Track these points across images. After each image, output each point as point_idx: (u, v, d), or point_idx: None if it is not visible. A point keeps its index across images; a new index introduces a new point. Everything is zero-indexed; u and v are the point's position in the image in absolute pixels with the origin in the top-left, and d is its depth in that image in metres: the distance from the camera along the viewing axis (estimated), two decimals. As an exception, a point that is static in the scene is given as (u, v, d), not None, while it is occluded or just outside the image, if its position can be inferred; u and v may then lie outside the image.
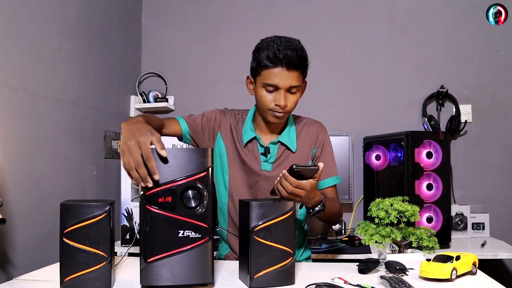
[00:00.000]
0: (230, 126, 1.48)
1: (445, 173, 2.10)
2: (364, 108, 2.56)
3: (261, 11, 2.65)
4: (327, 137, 1.51)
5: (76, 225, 0.98)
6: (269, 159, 1.44)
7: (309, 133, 1.48)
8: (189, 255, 1.00)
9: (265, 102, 1.34)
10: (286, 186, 1.15)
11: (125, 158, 0.99)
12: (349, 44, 2.59)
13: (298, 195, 1.16)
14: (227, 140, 1.46)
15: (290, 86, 1.32)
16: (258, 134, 1.45)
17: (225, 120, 1.48)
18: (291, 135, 1.45)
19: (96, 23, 2.18)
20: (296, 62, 1.30)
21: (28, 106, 1.65)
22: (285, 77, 1.30)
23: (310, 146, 1.47)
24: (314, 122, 1.53)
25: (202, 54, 2.68)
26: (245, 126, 1.47)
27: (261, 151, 1.44)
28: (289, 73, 1.30)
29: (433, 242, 1.22)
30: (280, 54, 1.28)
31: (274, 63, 1.30)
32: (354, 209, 2.52)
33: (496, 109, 2.47)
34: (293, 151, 1.44)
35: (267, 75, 1.32)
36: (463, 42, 2.50)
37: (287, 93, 1.33)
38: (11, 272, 1.51)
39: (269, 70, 1.31)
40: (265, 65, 1.31)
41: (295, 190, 1.15)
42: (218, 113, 1.49)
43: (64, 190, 1.87)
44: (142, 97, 2.60)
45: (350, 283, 1.05)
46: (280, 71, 1.30)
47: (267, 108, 1.35)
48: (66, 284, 0.98)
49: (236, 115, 1.51)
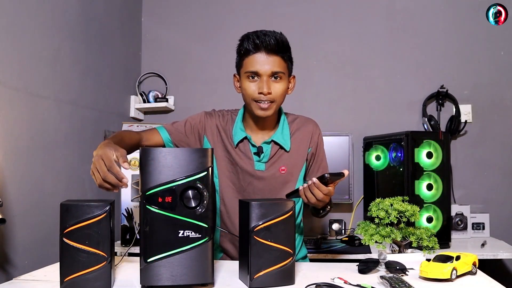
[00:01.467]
0: (217, 128, 1.46)
1: (445, 173, 2.10)
2: (364, 108, 2.56)
3: (261, 11, 2.65)
4: (321, 136, 1.52)
5: (76, 225, 0.98)
6: (262, 158, 1.42)
7: (303, 132, 1.47)
8: (189, 255, 1.00)
9: (248, 92, 1.35)
10: (317, 194, 1.22)
11: (95, 175, 1.08)
12: (349, 44, 2.59)
13: (324, 201, 1.25)
14: (215, 142, 1.45)
15: (272, 72, 1.33)
16: (249, 134, 1.43)
17: (210, 122, 1.46)
18: (285, 134, 1.44)
19: (96, 23, 2.18)
20: (275, 46, 1.32)
21: (28, 106, 1.65)
22: (265, 62, 1.32)
23: (305, 146, 1.47)
24: (308, 120, 1.52)
25: (202, 54, 2.68)
26: (235, 126, 1.45)
27: (253, 150, 1.43)
28: (269, 57, 1.32)
29: (433, 242, 1.22)
30: (257, 40, 1.32)
31: (253, 49, 1.33)
32: (354, 209, 2.52)
33: (496, 109, 2.47)
34: (287, 150, 1.43)
35: (248, 63, 1.35)
36: (463, 42, 2.50)
37: (270, 79, 1.34)
38: (11, 272, 1.51)
39: (249, 57, 1.34)
40: (245, 53, 1.35)
41: (324, 197, 1.22)
42: (203, 116, 1.48)
43: (64, 190, 1.87)
44: (142, 97, 2.60)
45: (350, 283, 1.06)
46: (260, 56, 1.33)
47: (251, 99, 1.35)
48: (66, 284, 0.98)
49: (224, 115, 1.49)
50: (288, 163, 1.44)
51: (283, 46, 1.34)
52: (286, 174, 1.44)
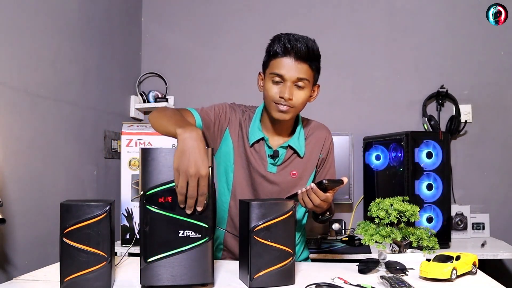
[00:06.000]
0: (239, 123, 1.43)
1: (445, 173, 2.10)
2: (364, 108, 2.56)
3: (261, 11, 2.65)
4: (333, 144, 1.52)
5: (76, 225, 0.98)
6: (277, 162, 1.42)
7: (317, 138, 1.47)
8: (189, 255, 1.00)
9: (270, 93, 1.32)
10: (314, 199, 1.22)
11: (180, 182, 0.97)
12: (349, 44, 2.59)
13: (321, 207, 1.24)
14: (235, 137, 1.42)
15: (297, 78, 1.30)
16: (266, 135, 1.41)
17: (234, 116, 1.43)
18: (301, 140, 1.43)
19: (96, 23, 2.18)
20: (305, 53, 1.29)
21: (28, 106, 1.65)
22: (292, 68, 1.29)
23: (317, 151, 1.46)
24: (322, 126, 1.51)
25: (202, 54, 2.68)
26: (252, 125, 1.42)
27: (268, 152, 1.41)
28: (297, 64, 1.29)
29: (433, 242, 1.22)
30: (289, 44, 1.28)
31: (282, 53, 1.29)
32: (354, 209, 2.52)
33: (496, 109, 2.47)
34: (301, 156, 1.43)
35: (275, 65, 1.31)
36: (463, 42, 2.50)
37: (293, 86, 1.31)
38: (11, 272, 1.51)
39: (277, 59, 1.31)
40: (273, 55, 1.31)
41: (322, 203, 1.22)
42: (228, 108, 1.44)
43: (64, 190, 1.87)
44: (142, 97, 2.60)
45: (350, 283, 1.05)
46: (287, 61, 1.29)
47: (271, 100, 1.33)
48: (66, 284, 0.98)
49: (244, 111, 1.46)
50: (299, 167, 1.43)
51: (313, 55, 1.32)
52: (296, 179, 1.43)
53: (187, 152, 0.98)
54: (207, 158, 0.99)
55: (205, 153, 0.99)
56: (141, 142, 2.14)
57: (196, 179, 0.96)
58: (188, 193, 0.97)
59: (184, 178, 0.96)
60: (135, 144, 2.16)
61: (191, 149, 0.98)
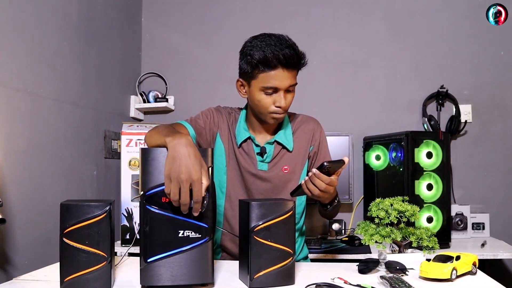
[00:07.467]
0: (227, 126, 1.45)
1: (445, 173, 2.10)
2: (364, 108, 2.56)
3: (261, 11, 2.65)
4: (323, 133, 1.50)
5: (76, 225, 0.98)
6: (266, 159, 1.42)
7: (305, 131, 1.47)
8: (189, 255, 1.00)
9: (264, 105, 1.32)
10: (319, 184, 1.19)
11: (172, 188, 0.95)
12: (349, 44, 2.59)
13: (328, 192, 1.21)
14: (226, 140, 1.44)
15: (289, 85, 1.30)
16: (252, 134, 1.42)
17: (222, 120, 1.45)
18: (287, 134, 1.44)
19: (96, 23, 2.18)
20: (295, 60, 1.28)
21: (28, 106, 1.65)
22: (284, 78, 1.28)
23: (306, 144, 1.46)
24: (309, 119, 1.51)
25: (202, 54, 2.68)
26: (238, 126, 1.44)
27: (256, 151, 1.42)
28: (288, 73, 1.28)
29: (433, 242, 1.22)
30: (279, 55, 1.25)
31: (273, 66, 1.26)
32: (354, 209, 2.52)
33: (496, 109, 2.47)
34: (289, 150, 1.43)
35: (266, 78, 1.28)
36: (463, 42, 2.50)
37: (286, 92, 1.31)
38: (11, 272, 1.51)
39: (267, 73, 1.27)
40: (262, 69, 1.27)
41: (327, 187, 1.19)
42: (215, 112, 1.46)
43: (64, 190, 1.87)
44: (142, 97, 2.60)
45: (350, 283, 1.05)
46: (279, 73, 1.27)
47: (267, 112, 1.33)
48: (66, 284, 0.98)
49: (230, 114, 1.48)
50: (291, 162, 1.44)
51: (301, 59, 1.31)
52: (289, 173, 1.44)
53: (177, 158, 0.96)
54: (198, 162, 0.97)
55: (196, 157, 0.98)
56: (141, 142, 2.14)
57: (188, 184, 0.95)
58: (181, 200, 0.96)
59: (176, 185, 0.95)
60: (135, 144, 2.16)
61: (181, 154, 0.97)
